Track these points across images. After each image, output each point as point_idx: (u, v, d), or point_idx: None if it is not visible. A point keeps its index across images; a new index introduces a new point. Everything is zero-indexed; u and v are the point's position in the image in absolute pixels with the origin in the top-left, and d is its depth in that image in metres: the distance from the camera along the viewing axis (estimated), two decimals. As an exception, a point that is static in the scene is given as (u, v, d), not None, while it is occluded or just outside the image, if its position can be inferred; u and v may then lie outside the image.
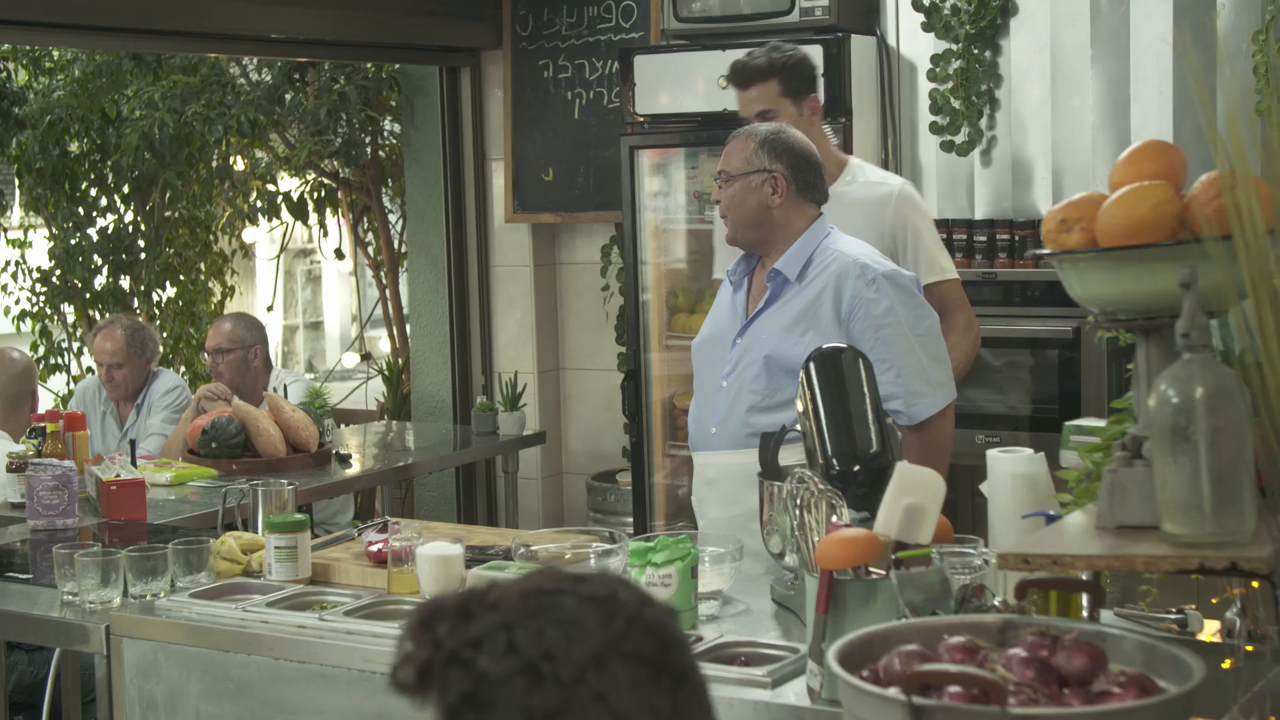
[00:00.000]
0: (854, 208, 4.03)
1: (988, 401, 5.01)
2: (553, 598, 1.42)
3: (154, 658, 3.11)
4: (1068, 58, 5.01)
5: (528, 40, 6.15)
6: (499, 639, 1.39)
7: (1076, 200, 2.29)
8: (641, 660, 1.41)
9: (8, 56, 7.53)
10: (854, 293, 3.49)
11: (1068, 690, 1.96)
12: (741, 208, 3.59)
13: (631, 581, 1.47)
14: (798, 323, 3.51)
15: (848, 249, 3.58)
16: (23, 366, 5.10)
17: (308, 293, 14.87)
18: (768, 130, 3.64)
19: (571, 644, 1.39)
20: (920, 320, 3.53)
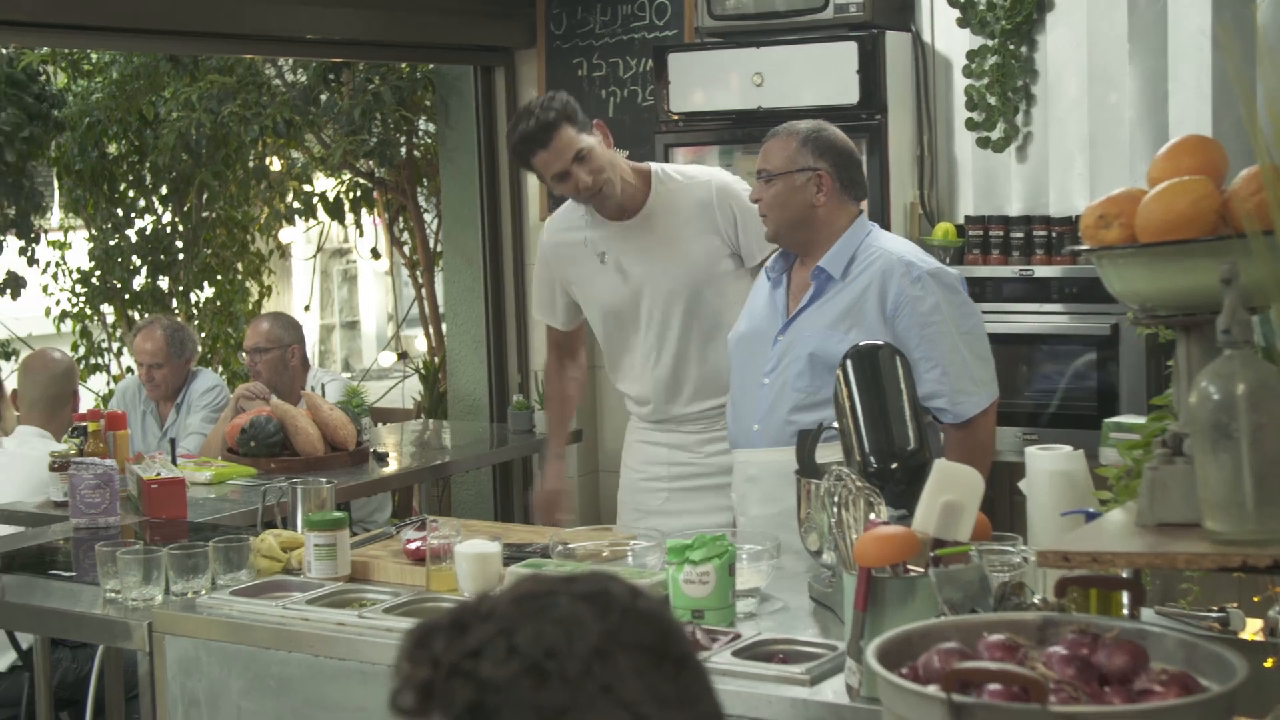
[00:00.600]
0: (680, 212, 4.08)
1: (1026, 399, 4.99)
2: (546, 599, 1.42)
3: (195, 655, 3.13)
4: (1105, 52, 4.99)
5: (561, 39, 6.15)
6: (499, 645, 1.39)
7: (1115, 196, 2.28)
8: (643, 649, 1.41)
9: (47, 60, 7.58)
10: (899, 290, 3.48)
11: (1109, 689, 1.95)
12: (785, 207, 3.57)
13: (619, 575, 1.47)
14: (842, 320, 3.50)
15: (892, 246, 3.57)
16: (64, 367, 5.13)
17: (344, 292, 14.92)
18: (809, 127, 3.62)
19: (572, 640, 1.39)
20: (965, 318, 3.52)
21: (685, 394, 4.13)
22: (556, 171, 3.98)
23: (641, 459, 4.25)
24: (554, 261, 4.27)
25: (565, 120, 3.96)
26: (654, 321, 4.11)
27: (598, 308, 4.21)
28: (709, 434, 4.14)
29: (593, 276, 4.18)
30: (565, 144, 3.95)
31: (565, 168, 3.96)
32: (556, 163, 3.97)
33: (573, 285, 4.26)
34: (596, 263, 4.16)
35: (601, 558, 3.31)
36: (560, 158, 3.96)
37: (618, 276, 4.13)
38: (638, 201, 4.09)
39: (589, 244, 4.16)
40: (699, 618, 2.86)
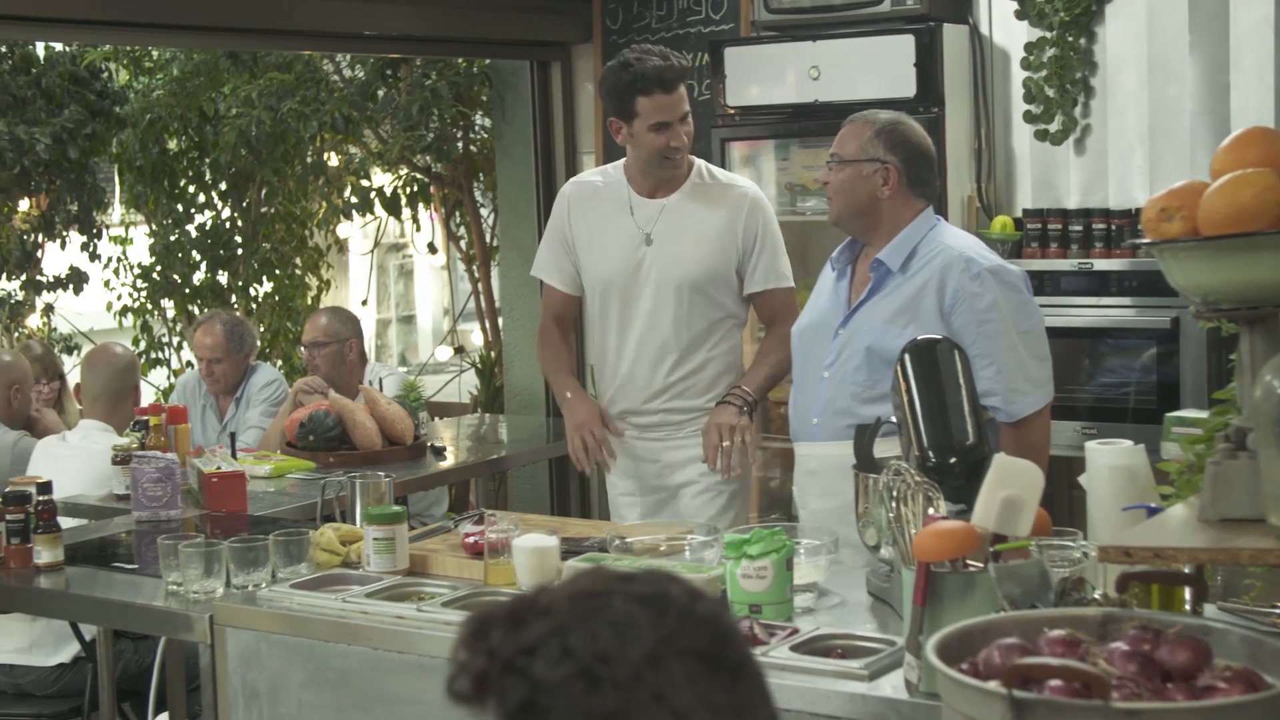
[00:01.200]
0: (708, 206, 4.09)
1: (1085, 393, 4.96)
2: (602, 599, 1.41)
3: (256, 647, 3.15)
4: (1165, 43, 4.95)
5: (618, 33, 6.15)
6: (553, 645, 1.38)
7: (1177, 189, 2.26)
8: (697, 656, 1.40)
9: (109, 57, 7.66)
10: (957, 286, 3.46)
11: (1171, 685, 1.94)
12: (850, 195, 3.58)
13: (681, 577, 1.46)
14: (900, 315, 3.49)
15: (953, 242, 3.55)
16: (126, 361, 5.17)
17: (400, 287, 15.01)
18: (887, 119, 3.61)
19: (626, 644, 1.38)
20: (1024, 317, 3.50)
21: (656, 384, 4.13)
22: (661, 120, 3.98)
23: (617, 471, 4.24)
24: (571, 214, 4.22)
25: (686, 80, 4.04)
26: (652, 299, 4.09)
27: (601, 272, 4.16)
28: (670, 442, 4.15)
29: (610, 233, 4.13)
30: (683, 96, 4.01)
31: (671, 119, 3.98)
32: (668, 111, 3.98)
33: (582, 244, 4.21)
34: (619, 224, 4.12)
35: (659, 552, 3.32)
36: (675, 108, 3.99)
37: (638, 238, 4.10)
38: (676, 183, 4.12)
39: (620, 202, 4.14)
40: (756, 612, 2.85)
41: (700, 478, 4.12)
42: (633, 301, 4.12)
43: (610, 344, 4.19)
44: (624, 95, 4.00)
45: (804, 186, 5.50)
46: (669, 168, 4.07)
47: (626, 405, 4.18)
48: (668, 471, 4.17)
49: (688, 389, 4.13)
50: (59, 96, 7.37)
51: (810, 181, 5.44)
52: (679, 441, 4.15)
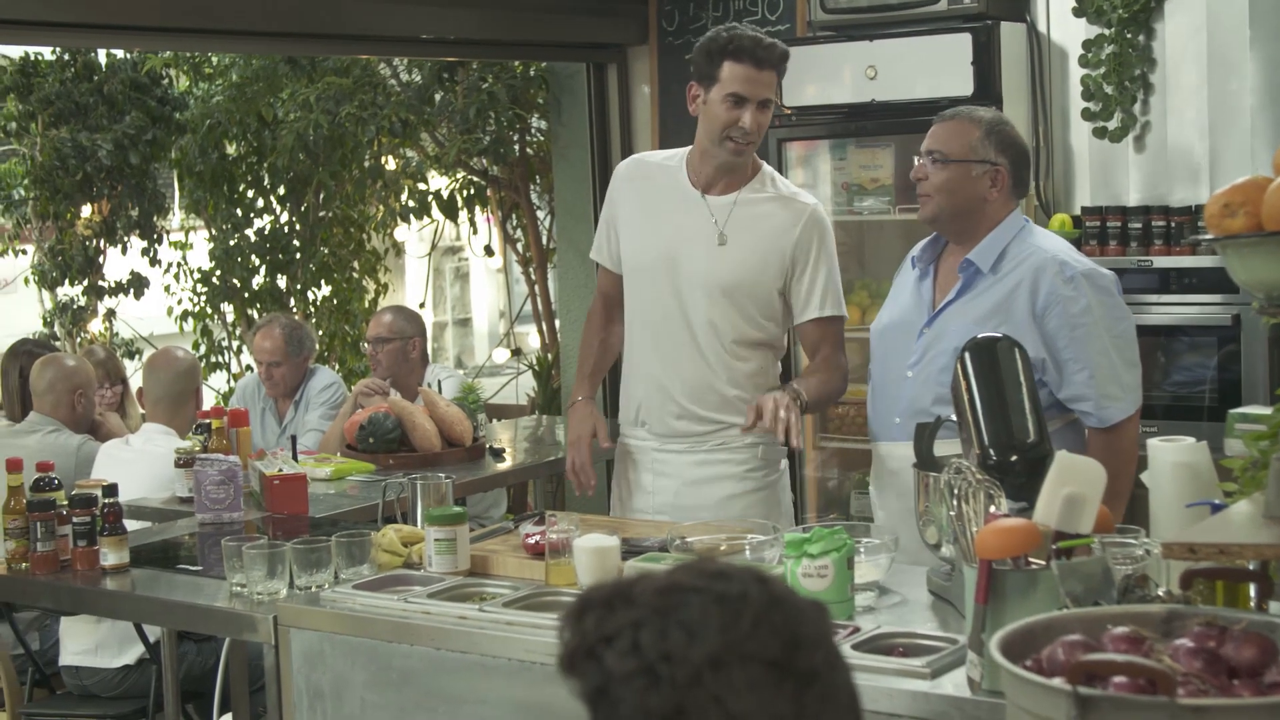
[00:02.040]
0: (766, 215, 3.83)
1: (1147, 391, 4.90)
2: (685, 595, 1.43)
3: (320, 647, 3.18)
4: (1225, 39, 4.91)
5: (674, 35, 6.17)
6: (626, 637, 1.41)
7: (1240, 184, 2.25)
8: (764, 662, 1.41)
9: (169, 63, 7.74)
10: (1051, 289, 3.42)
11: (1237, 681, 1.93)
12: (955, 194, 3.51)
13: (773, 578, 1.46)
14: (991, 316, 3.41)
15: (1045, 244, 3.51)
16: (187, 365, 5.22)
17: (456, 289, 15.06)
18: (992, 119, 3.55)
19: (691, 645, 1.40)
20: (1117, 321, 3.46)
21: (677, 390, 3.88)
22: (739, 92, 3.69)
23: (623, 488, 4.05)
24: (624, 191, 3.99)
25: (781, 69, 3.77)
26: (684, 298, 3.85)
27: (634, 259, 3.94)
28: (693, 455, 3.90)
29: (652, 221, 3.90)
30: (771, 83, 3.74)
31: (750, 95, 3.69)
32: (749, 85, 3.70)
33: (623, 224, 3.97)
34: (666, 205, 3.88)
35: (720, 552, 3.32)
36: (760, 89, 3.71)
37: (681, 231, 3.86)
38: (737, 184, 3.86)
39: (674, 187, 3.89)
40: (818, 611, 2.85)
41: (723, 500, 3.87)
42: (663, 307, 3.89)
43: (641, 349, 3.96)
44: (714, 56, 3.74)
45: (861, 186, 5.50)
46: (730, 151, 3.76)
47: (653, 415, 3.94)
48: (687, 489, 3.92)
49: (715, 402, 3.87)
50: (120, 103, 7.47)
51: (867, 181, 5.43)
52: (701, 456, 3.90)
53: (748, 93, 3.71)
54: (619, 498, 4.10)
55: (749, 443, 3.87)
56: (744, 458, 3.90)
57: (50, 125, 7.51)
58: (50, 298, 7.90)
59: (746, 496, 3.90)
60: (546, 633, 2.90)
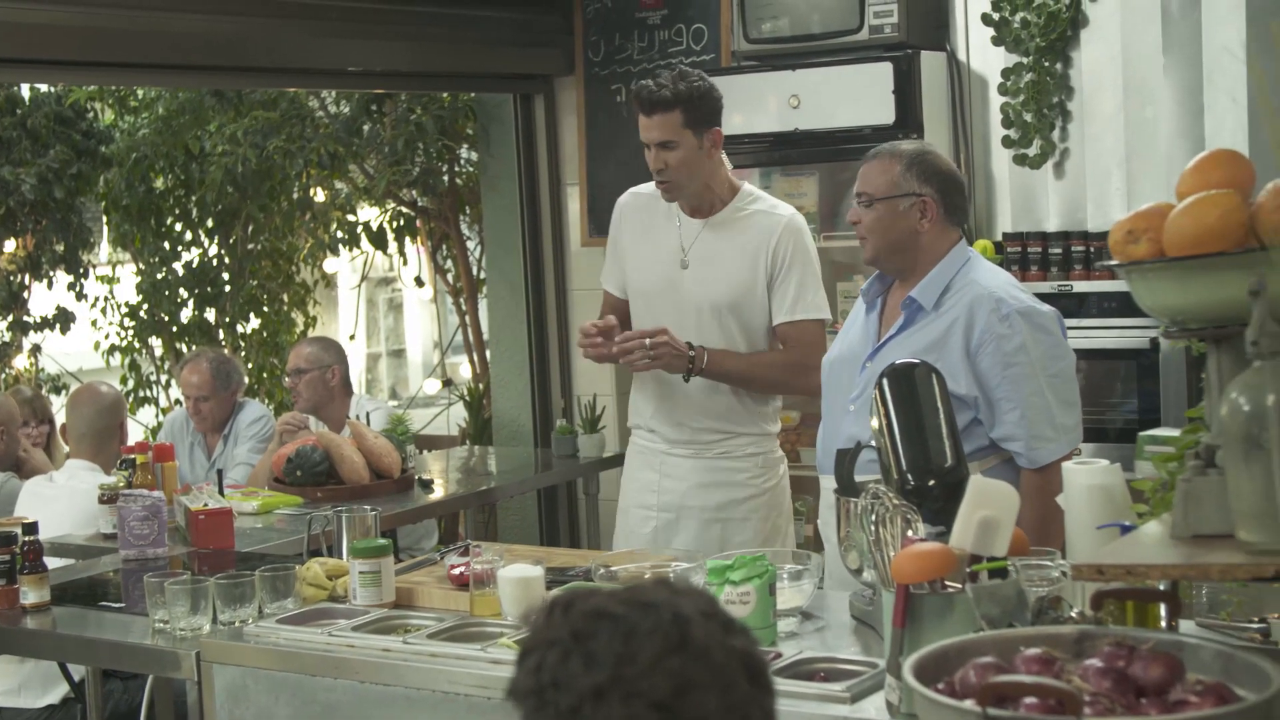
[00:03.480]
0: (745, 231, 4.12)
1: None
2: (604, 623, 1.44)
3: (243, 683, 3.16)
4: (1139, 67, 4.99)
5: (600, 65, 6.19)
6: (537, 655, 1.43)
7: (1143, 211, 2.29)
8: (649, 703, 1.41)
9: (94, 97, 7.69)
10: (985, 326, 3.40)
11: (1145, 700, 1.96)
12: (887, 232, 3.51)
13: (690, 616, 1.46)
14: (927, 352, 3.40)
15: (985, 280, 3.49)
16: (111, 399, 5.19)
17: (390, 320, 15.02)
18: (914, 151, 3.56)
19: (584, 675, 1.41)
20: (1054, 360, 3.43)
21: (689, 402, 4.17)
22: (643, 140, 4.09)
23: (635, 484, 4.31)
24: (623, 223, 4.34)
25: (679, 107, 4.03)
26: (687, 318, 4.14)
27: (640, 284, 4.25)
28: (699, 461, 4.18)
29: (653, 247, 4.21)
30: (659, 124, 4.05)
31: (649, 142, 4.07)
32: (646, 134, 4.08)
33: (628, 253, 4.31)
34: (664, 232, 4.20)
35: (643, 580, 3.34)
36: (651, 133, 4.06)
37: (677, 255, 4.18)
38: (715, 208, 4.18)
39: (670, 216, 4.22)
40: (740, 638, 2.87)
41: (727, 504, 4.17)
42: (668, 318, 4.15)
43: None
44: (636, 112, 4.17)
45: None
46: (661, 190, 4.15)
47: (661, 421, 4.23)
48: (693, 491, 4.19)
49: (720, 408, 4.16)
50: (44, 137, 7.40)
51: (793, 210, 5.47)
52: (707, 461, 4.18)
53: (645, 139, 4.10)
54: (624, 493, 4.37)
55: (750, 452, 4.18)
56: (745, 465, 4.19)
57: (-28, 160, 7.44)
58: (-26, 334, 7.81)
59: (750, 501, 4.19)
60: (471, 664, 2.90)
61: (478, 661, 2.91)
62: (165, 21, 5.25)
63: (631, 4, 6.08)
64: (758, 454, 4.19)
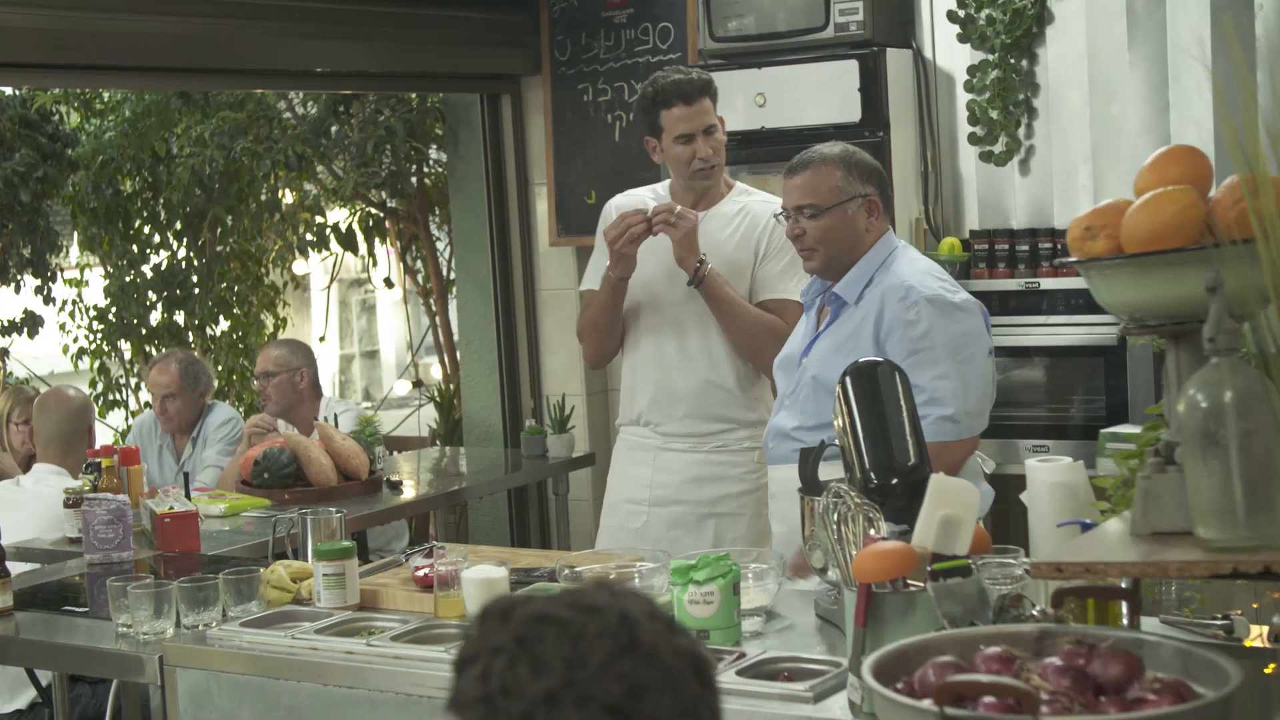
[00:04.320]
0: (740, 218, 4.18)
1: (1034, 411, 4.99)
2: (547, 627, 1.43)
3: (206, 686, 3.14)
4: (1105, 63, 5.00)
5: (566, 65, 6.18)
6: (481, 662, 1.42)
7: (1101, 207, 2.29)
8: (602, 707, 1.40)
9: (59, 100, 7.64)
10: (892, 314, 3.46)
11: (1105, 698, 1.96)
12: (836, 239, 3.54)
13: (637, 618, 1.45)
14: (844, 344, 3.50)
15: (902, 270, 3.52)
16: (78, 404, 5.16)
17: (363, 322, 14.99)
18: (841, 153, 3.58)
19: (533, 680, 1.40)
20: (961, 347, 3.45)
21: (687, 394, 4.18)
22: (685, 132, 4.09)
23: (625, 479, 4.31)
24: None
25: (710, 93, 4.12)
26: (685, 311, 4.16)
27: (638, 283, 4.22)
28: (696, 455, 4.19)
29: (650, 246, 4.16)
30: (706, 110, 4.10)
31: (694, 130, 4.08)
32: (690, 123, 4.08)
33: None
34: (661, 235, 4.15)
35: (608, 581, 3.33)
36: (697, 120, 4.08)
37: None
38: (713, 202, 4.22)
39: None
40: (704, 638, 2.86)
41: (720, 499, 4.18)
42: (667, 313, 4.18)
43: (644, 353, 4.24)
44: (650, 111, 4.15)
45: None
46: (701, 178, 4.17)
47: (657, 415, 4.23)
48: (686, 486, 4.20)
49: (717, 400, 4.18)
50: (9, 140, 7.35)
51: (760, 208, 5.46)
52: (703, 455, 4.20)
53: (690, 129, 4.11)
54: (612, 488, 4.35)
55: (746, 446, 4.19)
56: (741, 459, 4.20)
57: (-62, 163, 7.38)
58: (-59, 338, 7.76)
59: (744, 496, 4.20)
60: (434, 666, 2.89)
61: (441, 664, 2.89)
62: (130, 24, 5.21)
63: (598, 3, 6.07)
64: (754, 449, 4.18)
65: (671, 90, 4.09)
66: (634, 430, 4.32)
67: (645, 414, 4.26)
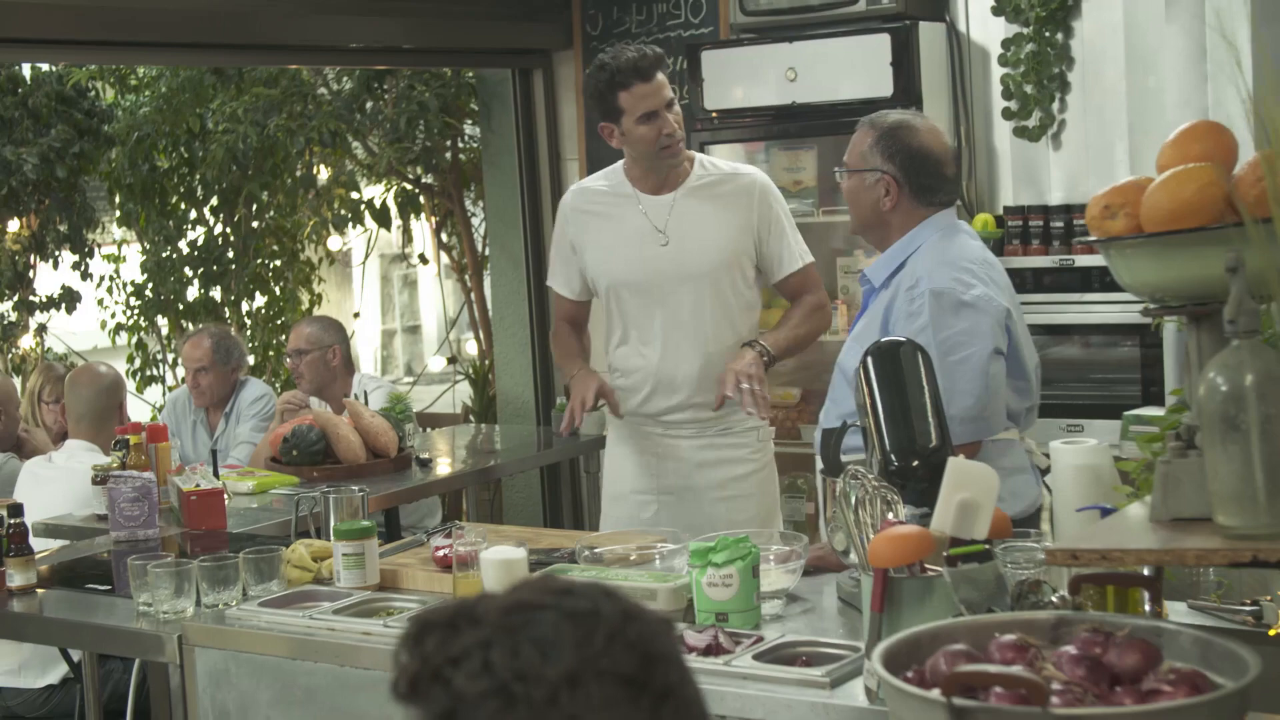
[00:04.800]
0: (719, 197, 4.02)
1: (1070, 391, 4.92)
2: (533, 613, 1.40)
3: (225, 666, 3.14)
4: (1142, 35, 4.91)
5: (598, 39, 6.14)
6: (476, 658, 1.37)
7: (1121, 185, 2.24)
8: (619, 679, 1.38)
9: (95, 76, 7.66)
10: (900, 304, 3.38)
11: (1120, 689, 1.92)
12: (857, 205, 3.51)
13: (619, 593, 1.44)
14: (863, 331, 3.42)
15: (924, 258, 3.41)
16: (110, 380, 5.16)
17: (405, 297, 15.01)
18: (890, 123, 3.48)
19: (546, 663, 1.36)
20: (956, 346, 3.31)
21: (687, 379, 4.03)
22: (648, 110, 3.92)
23: (629, 469, 4.15)
24: (573, 222, 4.13)
25: (663, 66, 3.96)
26: (674, 295, 4.01)
27: (615, 274, 4.07)
28: (699, 440, 4.08)
29: (622, 234, 4.04)
30: (663, 84, 3.94)
31: (657, 107, 3.91)
32: (652, 100, 3.91)
33: (590, 249, 4.11)
34: (631, 223, 4.04)
35: (629, 562, 3.30)
36: (657, 95, 3.91)
37: (652, 236, 4.03)
38: (681, 179, 4.04)
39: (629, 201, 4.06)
40: (723, 621, 2.83)
41: (729, 481, 4.07)
42: (653, 299, 4.03)
43: (634, 344, 4.09)
44: (605, 95, 3.95)
45: (785, 189, 5.47)
46: (668, 157, 3.98)
47: (656, 405, 4.08)
48: (695, 471, 4.07)
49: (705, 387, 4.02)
50: (46, 116, 7.38)
51: (791, 184, 5.41)
52: (708, 440, 4.07)
53: (653, 106, 3.93)
54: (614, 478, 4.20)
55: (750, 426, 4.08)
56: (748, 440, 4.10)
57: (-26, 140, 7.42)
58: (-20, 313, 7.81)
59: (752, 476, 4.10)
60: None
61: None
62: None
63: (630, -23, 6.03)
64: (755, 427, 4.10)
65: (628, 69, 3.89)
66: (632, 421, 4.14)
67: (644, 405, 4.09)
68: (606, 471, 4.27)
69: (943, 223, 3.48)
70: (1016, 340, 3.44)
